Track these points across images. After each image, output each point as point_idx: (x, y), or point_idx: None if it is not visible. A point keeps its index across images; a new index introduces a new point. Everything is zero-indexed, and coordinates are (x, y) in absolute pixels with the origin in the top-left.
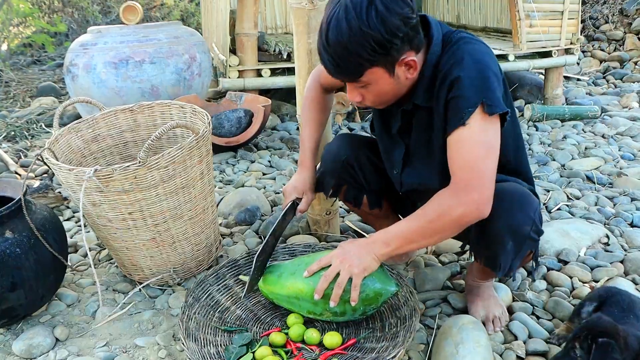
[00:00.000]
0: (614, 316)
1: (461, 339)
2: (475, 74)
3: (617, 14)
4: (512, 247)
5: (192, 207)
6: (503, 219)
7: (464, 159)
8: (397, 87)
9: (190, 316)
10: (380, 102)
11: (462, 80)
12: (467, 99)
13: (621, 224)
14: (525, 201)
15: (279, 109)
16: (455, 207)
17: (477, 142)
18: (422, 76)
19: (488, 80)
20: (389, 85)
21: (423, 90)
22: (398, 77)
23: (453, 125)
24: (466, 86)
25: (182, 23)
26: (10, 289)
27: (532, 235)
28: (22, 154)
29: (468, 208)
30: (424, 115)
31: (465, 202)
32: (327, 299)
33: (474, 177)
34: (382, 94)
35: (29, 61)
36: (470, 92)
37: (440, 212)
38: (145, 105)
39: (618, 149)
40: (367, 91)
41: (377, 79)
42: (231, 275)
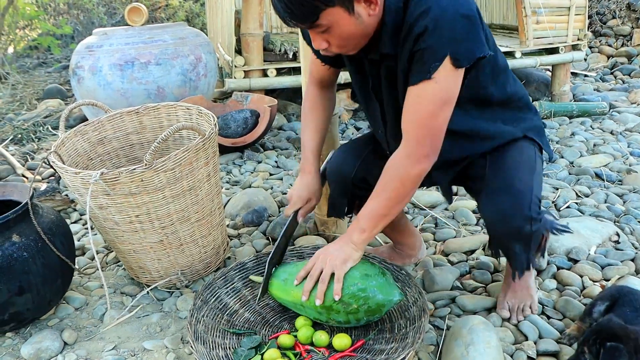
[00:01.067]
0: (626, 316)
1: (471, 340)
2: (443, 24)
3: (625, 9)
4: (520, 249)
5: (199, 209)
6: (501, 227)
7: (420, 115)
8: (362, 27)
9: (199, 319)
10: (346, 46)
11: (428, 31)
12: (434, 52)
13: (631, 221)
14: (517, 198)
15: (285, 109)
16: (412, 167)
17: (436, 98)
18: (384, 23)
19: (456, 30)
20: (351, 26)
21: (388, 37)
22: (359, 15)
23: (417, 77)
24: (433, 38)
25: (187, 24)
26: (18, 293)
27: (535, 228)
28: (29, 157)
29: (423, 165)
30: (391, 66)
31: (419, 160)
32: (330, 310)
33: (427, 134)
34: (347, 37)
35: (35, 64)
36: (437, 44)
37: (401, 178)
38: (151, 107)
39: (627, 146)
40: (330, 36)
41: (337, 20)
42: (240, 278)
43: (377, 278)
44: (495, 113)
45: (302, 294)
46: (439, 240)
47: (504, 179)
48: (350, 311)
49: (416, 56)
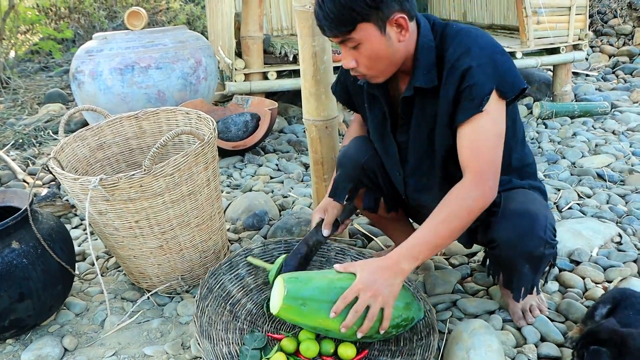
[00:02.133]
0: (629, 319)
1: (472, 344)
2: (486, 61)
3: (626, 8)
4: (528, 269)
5: (199, 213)
6: (515, 247)
7: (481, 149)
8: (391, 51)
9: (204, 310)
10: (373, 68)
11: (473, 69)
12: (482, 87)
13: (634, 222)
14: (534, 222)
15: (285, 112)
16: (479, 199)
17: (492, 131)
18: (418, 61)
19: (499, 66)
20: (381, 45)
21: (422, 74)
22: (390, 38)
23: (469, 112)
24: (479, 74)
25: (188, 27)
26: (18, 299)
27: (547, 252)
28: (30, 162)
29: (487, 198)
30: (426, 103)
31: (484, 193)
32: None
33: (490, 168)
34: (375, 57)
35: (36, 68)
36: (483, 78)
37: (468, 209)
38: (150, 112)
39: (629, 145)
40: (360, 53)
41: (369, 36)
42: (244, 264)
43: (413, 304)
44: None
45: (341, 326)
46: None
47: (520, 204)
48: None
49: (464, 93)
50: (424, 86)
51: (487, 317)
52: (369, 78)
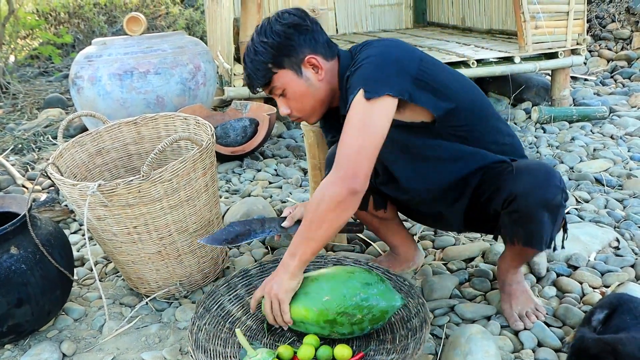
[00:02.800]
0: (626, 324)
1: (470, 350)
2: (359, 70)
3: (624, 13)
4: (548, 218)
5: (197, 219)
6: (536, 195)
7: (345, 144)
8: (313, 90)
9: (200, 327)
10: (304, 110)
11: (350, 77)
12: (353, 88)
13: (631, 227)
14: (550, 172)
15: (284, 117)
16: (339, 192)
17: (356, 127)
18: (340, 92)
19: (371, 70)
20: (302, 87)
21: (342, 100)
22: (308, 78)
23: (344, 108)
24: (352, 80)
25: (187, 31)
26: (17, 305)
27: (563, 203)
28: (29, 167)
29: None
30: None
31: (348, 187)
32: (333, 324)
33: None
34: (301, 99)
35: (36, 73)
36: (355, 82)
37: (328, 200)
38: (149, 118)
39: (627, 150)
40: (288, 99)
41: (288, 82)
42: (243, 285)
43: (377, 285)
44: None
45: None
46: (438, 247)
47: (532, 162)
48: (355, 322)
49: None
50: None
51: (485, 322)
52: (305, 119)
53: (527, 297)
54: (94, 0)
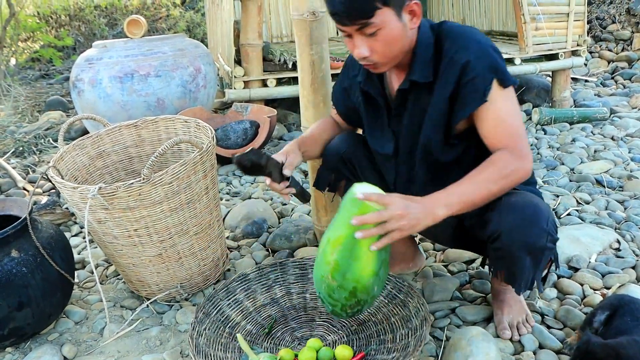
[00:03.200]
0: (627, 325)
1: (470, 352)
2: (483, 54)
3: (624, 14)
4: (530, 262)
5: (198, 222)
6: (517, 236)
7: (509, 129)
8: (404, 37)
9: (200, 332)
10: (389, 54)
11: (472, 62)
12: (483, 77)
13: (632, 228)
14: (537, 213)
15: (285, 119)
16: (519, 170)
17: (510, 112)
18: (415, 55)
19: (494, 59)
20: (398, 31)
21: (420, 68)
22: (405, 25)
23: (474, 104)
24: (478, 66)
25: (188, 34)
26: (18, 308)
27: (549, 246)
28: (30, 170)
29: (526, 171)
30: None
31: (525, 166)
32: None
33: (522, 141)
34: (392, 42)
35: (37, 75)
36: (484, 72)
37: (505, 172)
38: (150, 121)
39: (628, 151)
40: (376, 40)
41: (388, 21)
42: (242, 290)
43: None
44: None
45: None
46: (438, 249)
47: (521, 197)
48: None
49: (467, 87)
50: (420, 81)
51: (486, 324)
52: (376, 67)
53: (520, 307)
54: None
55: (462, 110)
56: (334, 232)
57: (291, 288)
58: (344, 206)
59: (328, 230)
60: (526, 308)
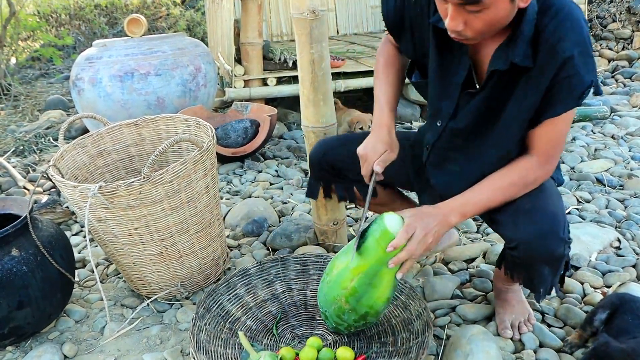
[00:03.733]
0: (628, 324)
1: (471, 350)
2: (584, 51)
3: (625, 12)
4: (549, 270)
5: (198, 220)
6: (536, 248)
7: (556, 136)
8: (509, 18)
9: (201, 328)
10: (486, 32)
11: (576, 58)
12: (583, 80)
13: (632, 227)
14: (555, 222)
15: (285, 118)
16: (541, 178)
17: (570, 120)
18: (521, 32)
19: (593, 59)
20: (505, 13)
21: (523, 49)
22: (514, 7)
23: (567, 105)
24: (581, 65)
25: (188, 33)
26: (18, 307)
27: (566, 252)
28: (30, 169)
29: (547, 177)
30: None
31: (548, 172)
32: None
33: (557, 152)
34: (494, 22)
35: (37, 74)
36: (584, 72)
37: (526, 182)
38: (150, 119)
39: (628, 150)
40: (477, 18)
41: (499, 2)
42: (242, 284)
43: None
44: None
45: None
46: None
47: (536, 201)
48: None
49: (564, 84)
50: (520, 64)
51: (486, 323)
52: (467, 40)
53: (523, 307)
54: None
55: (552, 108)
56: (357, 261)
57: (292, 284)
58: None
59: (345, 255)
60: (528, 308)
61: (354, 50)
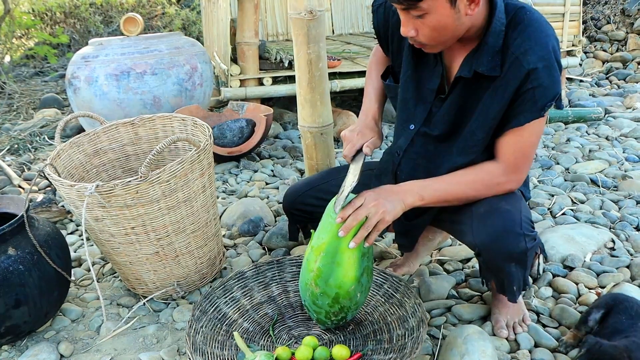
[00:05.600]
0: (622, 324)
1: (466, 350)
2: (549, 64)
3: (619, 14)
4: (516, 267)
5: (195, 220)
6: (495, 249)
7: (522, 146)
8: (456, 24)
9: (197, 330)
10: (435, 39)
11: (540, 70)
12: (546, 92)
13: (627, 227)
14: (507, 219)
15: (281, 117)
16: (504, 184)
17: (538, 132)
18: (486, 44)
19: (558, 73)
20: (448, 18)
21: (488, 59)
22: (459, 11)
23: (530, 116)
24: (545, 77)
25: (183, 32)
26: (14, 306)
27: (529, 245)
28: (25, 167)
29: (513, 186)
30: (476, 85)
31: (513, 181)
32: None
33: (525, 163)
34: (440, 28)
35: (31, 73)
36: (548, 83)
37: (488, 186)
38: (146, 118)
39: (622, 151)
40: (423, 23)
41: (438, 7)
42: (239, 287)
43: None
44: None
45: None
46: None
47: (490, 204)
48: (349, 305)
49: (527, 95)
50: (486, 74)
51: (482, 323)
52: (426, 48)
53: (518, 307)
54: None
55: (516, 118)
56: (316, 240)
57: (288, 286)
58: (325, 215)
59: (311, 240)
60: (524, 308)
61: (349, 50)
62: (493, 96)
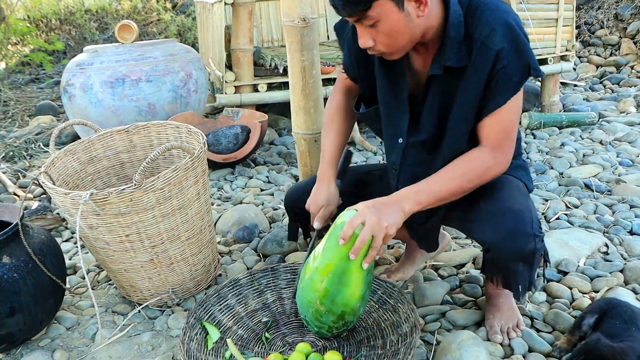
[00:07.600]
0: (616, 329)
1: (461, 355)
2: (514, 39)
3: (612, 19)
4: (523, 267)
5: (189, 227)
6: (505, 248)
7: (505, 126)
8: (410, 27)
9: (192, 337)
10: (392, 45)
11: (506, 49)
12: (518, 67)
13: (620, 232)
14: (520, 219)
15: (276, 124)
16: (494, 167)
17: (517, 110)
18: (448, 38)
19: (526, 44)
20: (399, 22)
21: (454, 52)
22: (409, 14)
23: (507, 94)
24: (512, 54)
25: (178, 38)
26: (9, 314)
27: (538, 246)
28: (20, 175)
29: (502, 167)
30: (448, 80)
31: (501, 163)
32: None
33: (509, 142)
34: (394, 34)
35: (27, 79)
36: (518, 58)
37: (479, 171)
38: (141, 126)
39: (616, 155)
40: (378, 32)
41: (387, 13)
42: (233, 295)
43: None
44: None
45: (351, 253)
46: None
47: (501, 202)
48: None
49: (500, 74)
50: (455, 65)
51: (476, 328)
52: (386, 56)
53: (512, 312)
54: (85, 7)
55: (494, 99)
56: (322, 261)
57: (282, 293)
58: (330, 236)
59: (313, 260)
60: (518, 313)
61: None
62: (467, 86)
